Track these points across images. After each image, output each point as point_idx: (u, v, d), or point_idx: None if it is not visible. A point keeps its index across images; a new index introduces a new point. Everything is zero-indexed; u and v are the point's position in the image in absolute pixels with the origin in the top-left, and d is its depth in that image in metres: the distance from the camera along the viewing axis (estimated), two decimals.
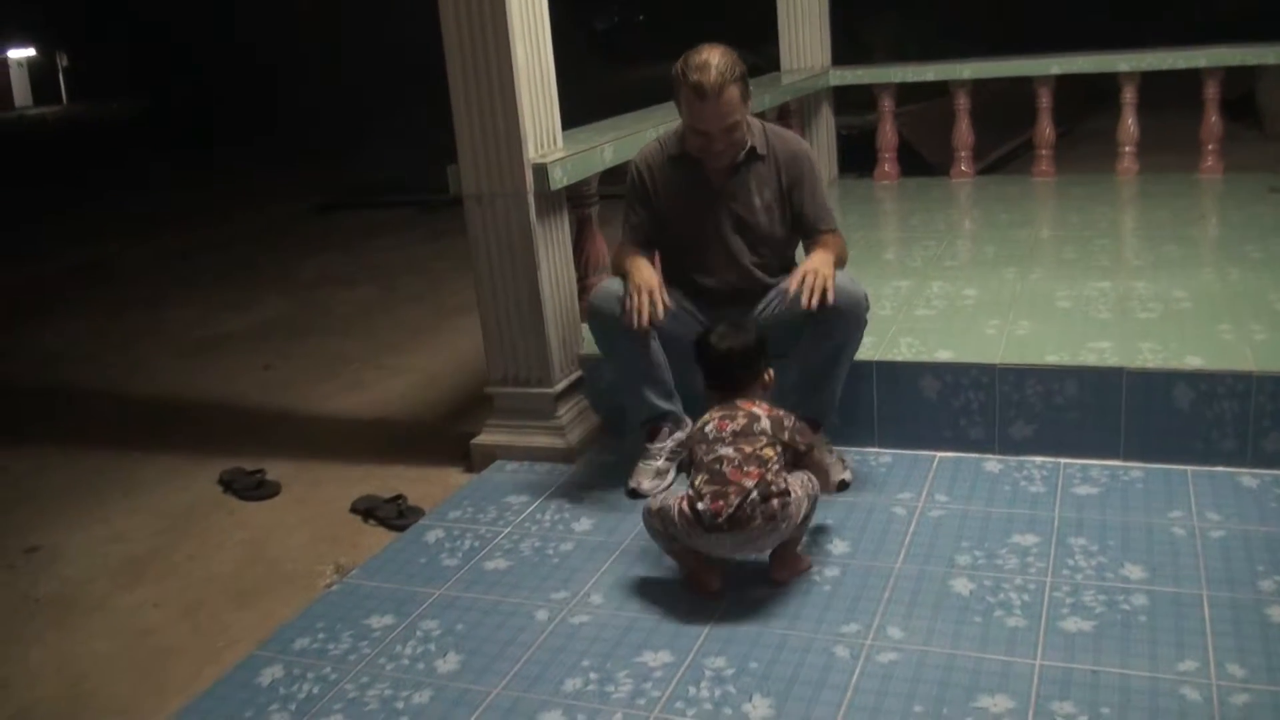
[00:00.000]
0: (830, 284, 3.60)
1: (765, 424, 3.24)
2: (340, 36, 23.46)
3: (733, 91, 3.68)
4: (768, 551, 3.26)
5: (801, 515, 3.18)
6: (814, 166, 3.98)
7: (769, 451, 3.18)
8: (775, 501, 3.10)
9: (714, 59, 3.66)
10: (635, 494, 3.88)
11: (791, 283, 3.64)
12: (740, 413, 3.27)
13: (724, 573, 3.28)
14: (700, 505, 3.11)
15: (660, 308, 3.70)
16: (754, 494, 3.09)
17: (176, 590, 3.77)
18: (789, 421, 3.30)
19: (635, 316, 3.69)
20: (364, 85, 21.69)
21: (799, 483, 3.21)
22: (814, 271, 3.61)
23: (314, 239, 10.43)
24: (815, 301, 3.56)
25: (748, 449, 3.16)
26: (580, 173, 4.32)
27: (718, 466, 3.15)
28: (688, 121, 3.79)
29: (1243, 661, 2.77)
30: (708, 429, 3.26)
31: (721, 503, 3.09)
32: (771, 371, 3.50)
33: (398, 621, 3.25)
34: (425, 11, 4.09)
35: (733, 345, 3.43)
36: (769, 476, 3.12)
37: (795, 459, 3.30)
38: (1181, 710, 2.61)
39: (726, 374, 3.42)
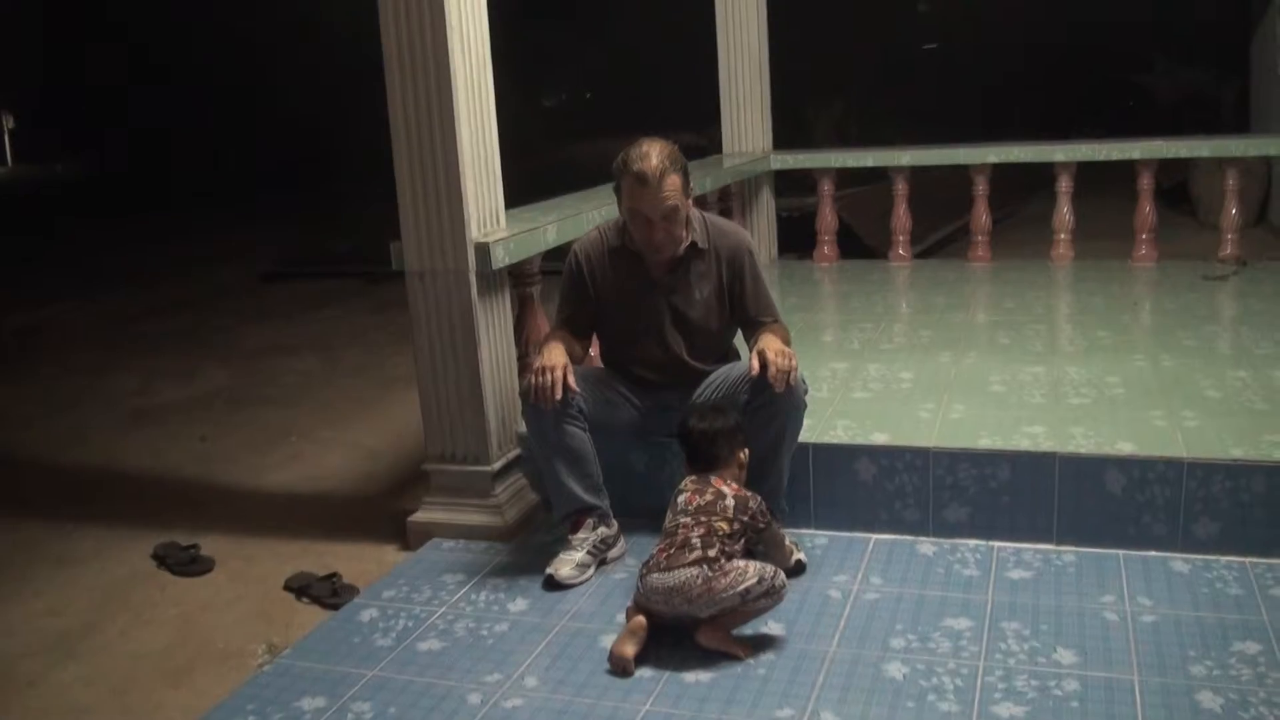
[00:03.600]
0: (795, 368, 3.66)
1: (730, 502, 3.43)
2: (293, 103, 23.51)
3: (674, 179, 3.74)
4: (703, 614, 3.27)
5: (744, 586, 3.22)
6: (755, 259, 4.03)
7: (723, 525, 3.35)
8: (714, 550, 3.26)
9: (655, 149, 3.74)
10: (552, 582, 3.84)
11: (754, 364, 3.67)
12: (710, 489, 3.47)
13: (644, 649, 3.28)
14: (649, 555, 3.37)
15: (560, 387, 3.71)
16: (695, 541, 3.28)
17: (108, 667, 3.70)
18: (754, 503, 3.47)
19: (536, 394, 3.73)
20: (322, 153, 21.75)
21: (755, 564, 3.29)
22: (783, 354, 3.65)
23: (258, 307, 10.38)
24: (782, 386, 3.61)
25: (704, 518, 3.35)
26: (522, 252, 4.35)
27: (674, 530, 3.37)
28: (629, 206, 3.83)
29: None
30: (679, 499, 3.48)
31: (667, 549, 3.31)
32: (746, 452, 3.64)
33: (329, 704, 3.21)
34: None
35: (708, 426, 3.61)
36: (714, 539, 3.30)
37: (755, 536, 3.49)
38: None
39: (702, 453, 3.60)
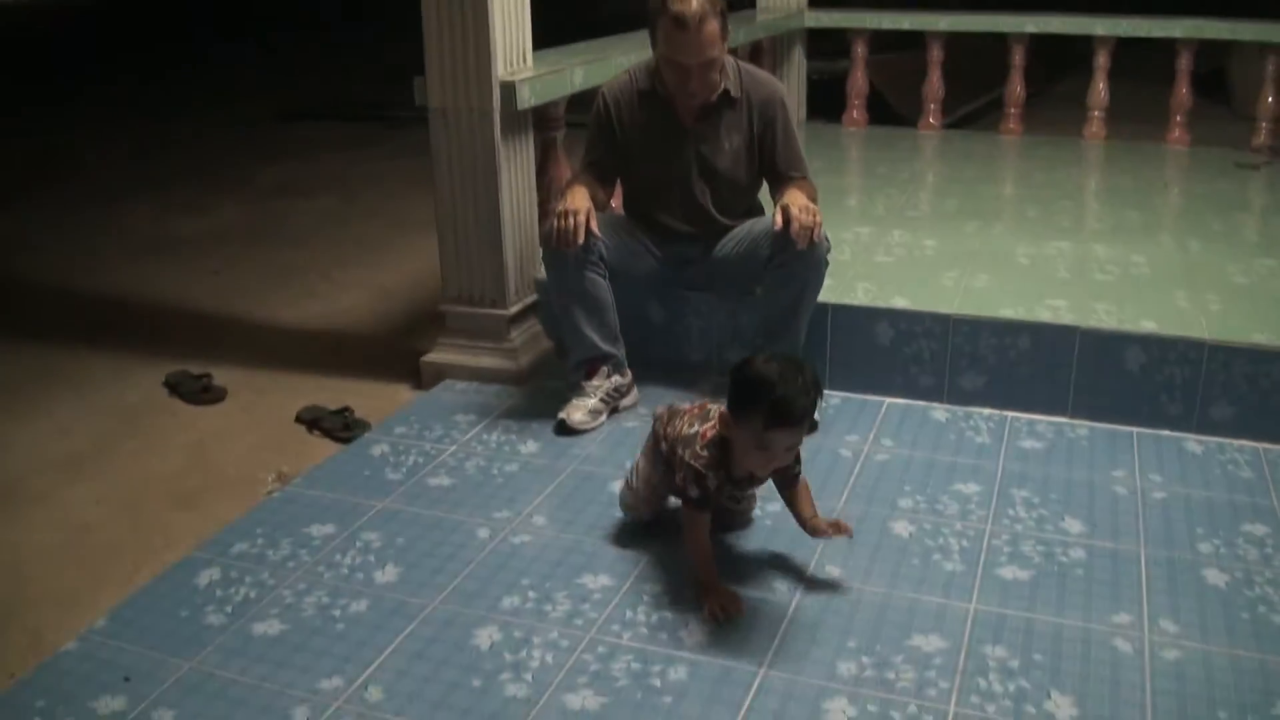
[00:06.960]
0: (819, 225, 3.61)
1: (689, 430, 3.00)
2: None
3: (713, 25, 3.64)
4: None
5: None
6: (788, 111, 3.95)
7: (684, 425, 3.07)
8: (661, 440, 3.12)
9: None
10: (564, 427, 3.83)
11: (777, 218, 3.62)
12: (709, 410, 3.07)
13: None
14: None
15: (582, 231, 3.66)
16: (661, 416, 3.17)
17: (118, 488, 3.73)
18: (681, 471, 2.95)
19: (557, 238, 3.69)
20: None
21: (647, 475, 3.17)
22: (807, 209, 3.59)
23: (275, 146, 10.25)
24: (805, 242, 3.56)
25: (675, 420, 3.10)
26: (549, 94, 4.26)
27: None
28: (665, 53, 3.74)
29: (1176, 618, 2.81)
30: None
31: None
32: (723, 413, 2.92)
33: (338, 531, 3.24)
34: None
35: (738, 368, 3.02)
36: (665, 429, 3.10)
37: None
38: (1113, 660, 2.65)
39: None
